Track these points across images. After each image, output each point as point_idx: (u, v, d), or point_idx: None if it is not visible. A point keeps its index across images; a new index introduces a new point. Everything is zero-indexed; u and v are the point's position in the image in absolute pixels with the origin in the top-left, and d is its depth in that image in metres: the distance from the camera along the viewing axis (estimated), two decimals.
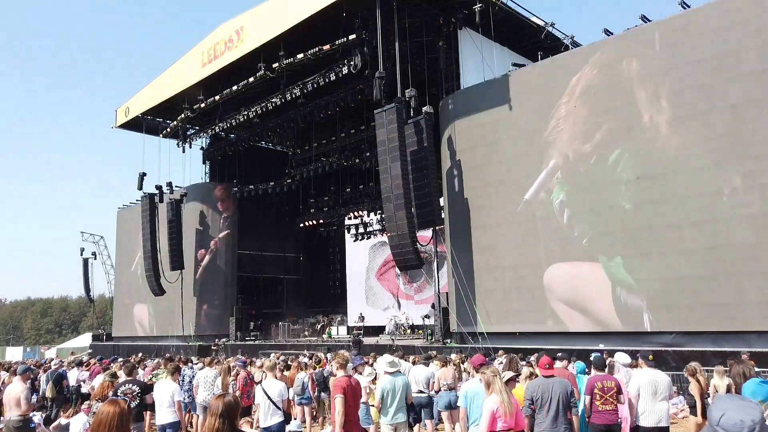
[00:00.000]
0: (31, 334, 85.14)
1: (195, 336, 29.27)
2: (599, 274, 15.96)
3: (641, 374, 6.81)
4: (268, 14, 22.45)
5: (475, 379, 6.56)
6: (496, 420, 5.08)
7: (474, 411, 6.13)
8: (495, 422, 5.07)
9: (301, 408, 10.86)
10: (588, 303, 16.20)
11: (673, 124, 14.92)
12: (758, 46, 13.80)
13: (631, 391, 6.63)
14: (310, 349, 21.52)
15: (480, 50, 19.98)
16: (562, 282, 16.81)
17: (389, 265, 30.14)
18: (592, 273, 16.12)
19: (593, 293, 16.07)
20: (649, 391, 6.56)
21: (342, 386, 6.04)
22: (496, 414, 5.12)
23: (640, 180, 15.38)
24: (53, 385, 12.20)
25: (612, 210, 15.90)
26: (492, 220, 18.59)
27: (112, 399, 3.91)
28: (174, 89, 27.38)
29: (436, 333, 19.82)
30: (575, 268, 16.55)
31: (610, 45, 16.71)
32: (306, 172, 29.26)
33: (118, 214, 37.44)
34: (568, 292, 16.66)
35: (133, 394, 7.31)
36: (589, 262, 16.25)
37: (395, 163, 17.41)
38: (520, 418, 5.39)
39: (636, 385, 6.63)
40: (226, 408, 3.46)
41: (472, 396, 6.20)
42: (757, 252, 13.42)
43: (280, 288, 34.74)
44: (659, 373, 6.86)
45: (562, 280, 16.80)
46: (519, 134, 18.14)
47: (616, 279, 15.61)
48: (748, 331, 13.41)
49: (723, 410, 2.02)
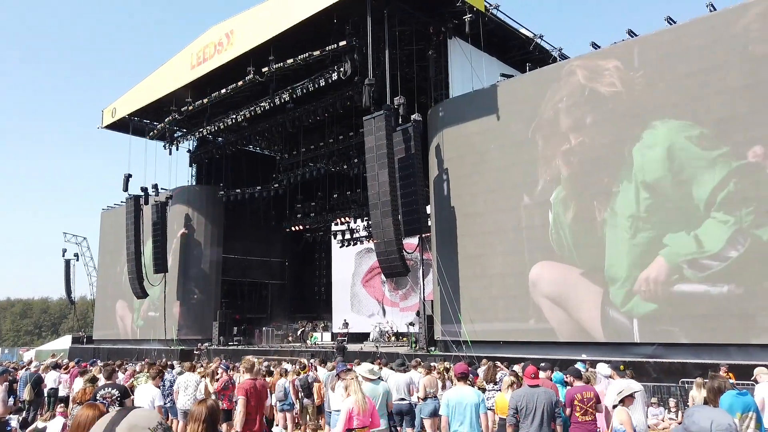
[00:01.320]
0: (10, 335, 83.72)
1: (177, 340, 28.97)
2: (585, 284, 16.07)
3: (616, 386, 6.83)
4: (259, 18, 22.43)
5: (457, 387, 6.57)
6: (353, 418, 5.62)
7: (456, 419, 6.13)
8: (351, 420, 5.61)
9: (283, 414, 10.79)
10: (574, 313, 16.28)
11: (658, 138, 15.09)
12: (743, 62, 14.03)
13: (608, 403, 6.65)
14: (294, 355, 21.41)
15: (469, 60, 20.12)
16: (550, 291, 16.90)
17: (375, 271, 30.12)
18: (578, 283, 16.22)
19: (580, 303, 16.17)
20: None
21: (245, 388, 6.64)
22: (352, 413, 5.65)
23: (627, 191, 15.53)
24: (31, 387, 12.00)
25: (598, 221, 16.03)
26: (479, 228, 18.66)
27: (91, 403, 3.84)
28: (162, 91, 27.21)
29: (421, 341, 19.80)
30: (562, 277, 16.64)
31: (597, 58, 16.92)
32: (293, 177, 29.20)
33: (102, 216, 37.05)
34: (554, 295, 16.75)
35: (112, 398, 7.19)
36: (576, 271, 16.35)
37: (383, 170, 17.44)
38: (375, 416, 5.92)
39: (612, 397, 6.64)
40: (210, 413, 3.43)
41: (454, 404, 6.20)
42: (737, 265, 13.59)
43: (265, 293, 34.56)
44: (633, 382, 6.91)
45: (550, 290, 16.90)
46: (507, 144, 18.26)
47: (603, 290, 15.72)
48: (728, 344, 13.56)
49: (710, 418, 2.07)
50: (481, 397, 6.33)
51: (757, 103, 13.72)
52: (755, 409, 5.72)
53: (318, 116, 25.10)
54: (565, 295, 16.50)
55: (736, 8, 14.46)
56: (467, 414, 6.10)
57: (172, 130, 29.49)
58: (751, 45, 13.93)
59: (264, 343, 28.36)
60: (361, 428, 5.65)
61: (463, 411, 6.12)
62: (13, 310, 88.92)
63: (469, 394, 6.27)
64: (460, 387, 6.48)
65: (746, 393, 5.88)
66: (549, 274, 16.92)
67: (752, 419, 5.56)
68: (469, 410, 6.11)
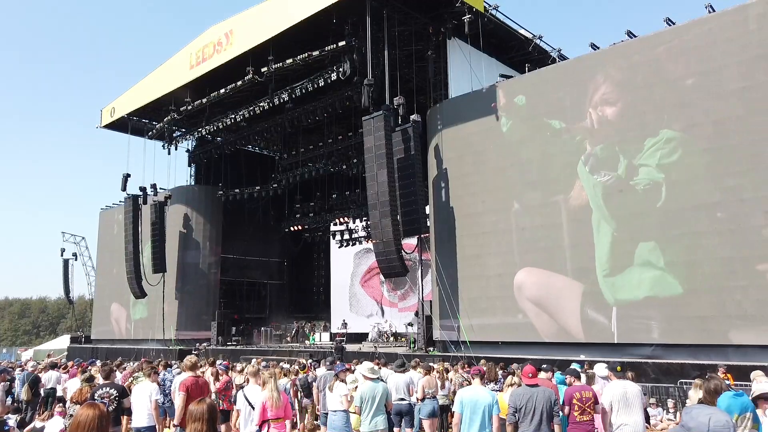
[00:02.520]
0: (8, 335, 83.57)
1: (176, 340, 28.96)
2: (577, 286, 16.10)
3: (612, 387, 6.85)
4: (258, 18, 22.44)
5: (472, 386, 6.58)
6: (267, 410, 6.43)
7: (469, 418, 6.11)
8: (266, 412, 6.43)
9: None
10: (562, 314, 16.31)
11: (655, 140, 15.13)
12: (741, 64, 14.06)
13: (604, 404, 6.67)
14: (292, 355, 21.41)
15: (468, 60, 20.14)
16: (537, 293, 16.94)
17: (374, 272, 30.13)
18: (572, 285, 16.24)
19: (570, 305, 16.19)
20: (621, 403, 6.59)
21: (186, 384, 7.17)
22: (266, 405, 6.44)
23: (623, 193, 15.56)
24: (29, 387, 11.99)
25: (594, 224, 16.06)
26: (478, 228, 18.67)
27: (91, 402, 3.85)
28: (161, 90, 27.19)
29: (419, 341, 19.82)
30: (553, 279, 16.67)
31: (595, 59, 16.94)
32: (292, 177, 29.21)
33: (100, 215, 37.02)
34: (541, 299, 16.79)
35: (110, 398, 7.21)
36: (563, 274, 16.38)
37: (382, 170, 17.45)
38: (288, 410, 6.65)
39: (608, 399, 6.66)
40: (210, 412, 3.45)
41: (468, 403, 6.19)
42: (735, 266, 13.62)
43: (264, 293, 34.56)
44: (628, 383, 6.94)
45: (539, 293, 16.93)
46: (505, 144, 18.29)
47: (596, 291, 15.74)
48: (726, 345, 13.59)
49: (708, 414, 2.11)
50: (495, 398, 6.32)
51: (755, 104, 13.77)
52: (752, 410, 5.73)
53: (317, 116, 25.11)
54: (553, 296, 16.60)
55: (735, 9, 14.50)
56: (481, 414, 6.10)
57: (171, 129, 29.48)
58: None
59: (262, 343, 28.35)
60: (275, 419, 6.42)
61: (477, 411, 6.12)
62: (11, 309, 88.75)
63: (484, 395, 6.27)
64: (476, 386, 6.49)
65: (743, 394, 5.89)
66: (536, 278, 17.03)
67: (749, 419, 5.58)
68: (482, 410, 6.11)
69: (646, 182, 15.19)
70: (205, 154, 31.43)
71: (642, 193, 15.26)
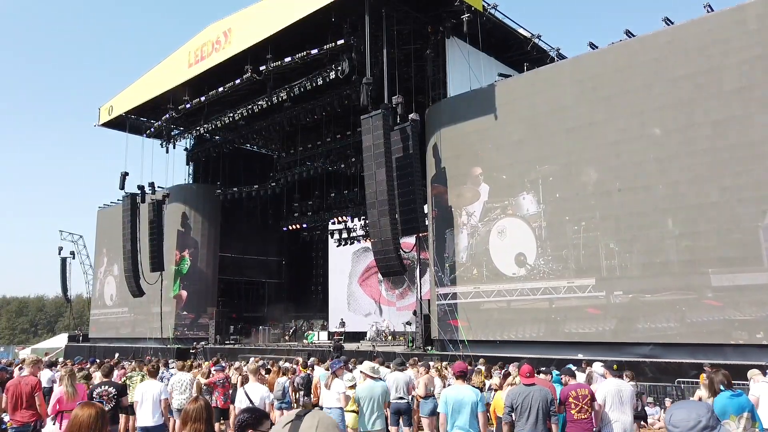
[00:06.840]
0: (6, 333, 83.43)
1: (174, 339, 28.92)
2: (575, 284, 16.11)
3: (607, 384, 6.92)
4: (257, 17, 22.40)
5: (455, 385, 6.59)
6: (62, 402, 6.92)
7: (454, 417, 6.15)
8: (62, 404, 6.92)
9: (281, 412, 10.77)
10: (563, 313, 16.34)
11: (654, 140, 15.14)
12: (739, 64, 14.07)
13: (598, 399, 6.73)
14: (290, 354, 21.38)
15: (467, 59, 20.13)
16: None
17: (372, 271, 30.12)
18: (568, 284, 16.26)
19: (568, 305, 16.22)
20: (615, 400, 6.67)
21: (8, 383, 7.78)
22: (61, 399, 6.94)
23: (621, 193, 15.57)
24: None
25: (592, 223, 16.08)
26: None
27: (88, 402, 3.84)
28: (159, 89, 27.14)
29: (417, 340, 19.82)
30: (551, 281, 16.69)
31: (593, 59, 16.95)
32: (291, 176, 29.17)
33: (98, 214, 36.96)
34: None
35: (108, 396, 7.21)
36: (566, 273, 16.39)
37: (380, 169, 17.44)
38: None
39: (602, 395, 6.73)
40: (207, 412, 3.45)
41: (453, 402, 6.21)
42: (735, 266, 13.64)
43: (262, 292, 34.53)
44: (623, 382, 7.05)
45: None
46: (504, 144, 18.29)
47: (593, 290, 15.76)
48: (724, 344, 13.61)
49: (670, 412, 2.15)
50: (479, 395, 6.37)
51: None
52: (750, 409, 5.74)
53: (316, 115, 25.07)
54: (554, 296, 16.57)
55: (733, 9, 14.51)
56: (465, 412, 6.13)
57: (169, 128, 29.40)
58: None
59: (260, 342, 28.32)
60: (69, 411, 6.60)
61: (461, 409, 6.15)
62: (8, 308, 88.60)
63: (468, 393, 6.30)
64: (459, 385, 6.50)
65: (741, 393, 5.91)
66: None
67: (747, 419, 5.59)
68: (467, 408, 6.14)
69: (643, 182, 15.20)
70: (204, 152, 31.39)
71: (636, 192, 15.27)
